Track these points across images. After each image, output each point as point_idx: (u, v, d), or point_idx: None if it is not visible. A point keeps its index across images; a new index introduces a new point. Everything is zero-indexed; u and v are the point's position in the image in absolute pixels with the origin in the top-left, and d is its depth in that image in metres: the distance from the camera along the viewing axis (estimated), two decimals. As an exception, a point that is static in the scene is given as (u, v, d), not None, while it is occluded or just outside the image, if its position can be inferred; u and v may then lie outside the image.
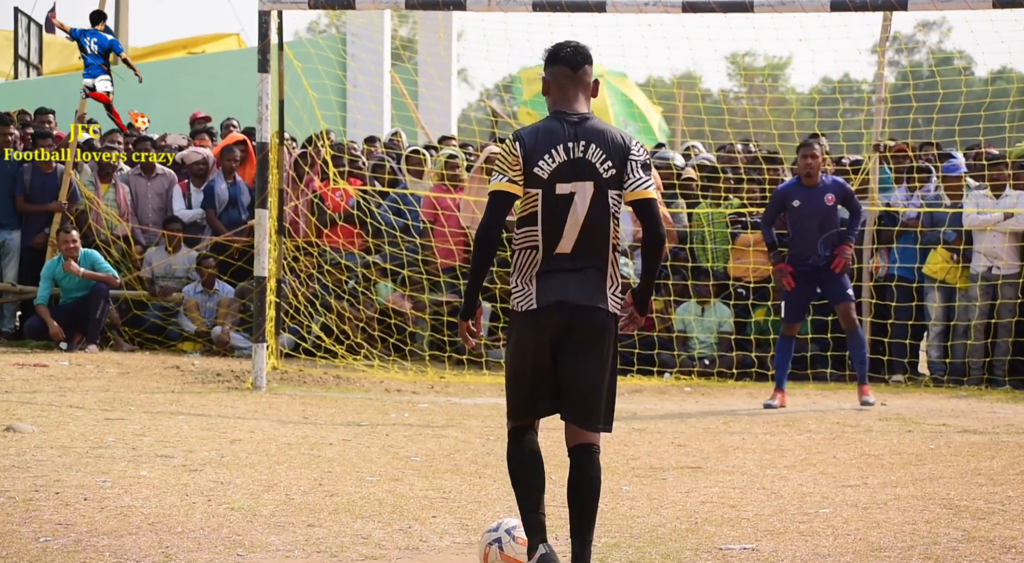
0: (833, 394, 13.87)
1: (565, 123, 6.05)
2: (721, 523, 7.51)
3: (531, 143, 6.02)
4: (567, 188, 5.99)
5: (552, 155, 6.00)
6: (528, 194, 6.05)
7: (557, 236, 6.01)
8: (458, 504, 7.96)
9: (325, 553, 6.76)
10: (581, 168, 6.00)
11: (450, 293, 15.42)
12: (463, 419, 11.58)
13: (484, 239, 6.06)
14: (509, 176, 6.03)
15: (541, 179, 6.00)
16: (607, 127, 6.12)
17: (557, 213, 6.00)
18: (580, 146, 6.01)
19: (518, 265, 6.10)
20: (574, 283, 6.01)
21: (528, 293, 6.05)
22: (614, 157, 6.02)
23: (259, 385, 13.03)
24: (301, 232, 15.62)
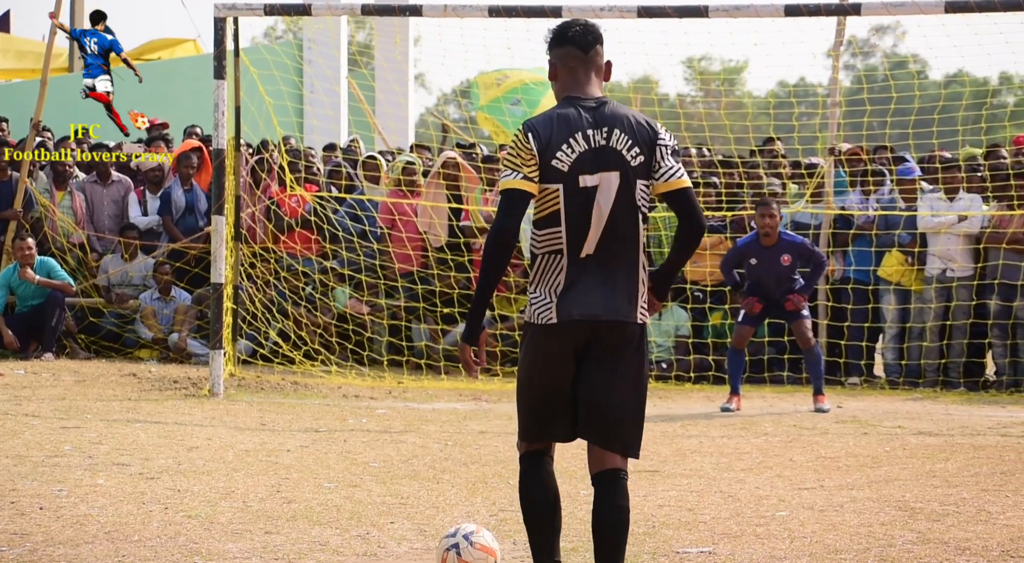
0: (790, 397, 13.94)
1: (581, 108, 5.43)
2: (678, 527, 7.53)
3: (546, 133, 5.38)
4: (590, 180, 5.36)
5: (571, 144, 5.36)
6: (546, 191, 5.39)
7: (583, 236, 5.37)
8: (416, 510, 7.96)
9: (283, 560, 6.75)
10: (606, 157, 5.38)
11: (407, 298, 15.40)
12: (421, 424, 11.58)
13: (497, 245, 5.37)
14: (524, 172, 5.37)
15: (561, 172, 5.36)
16: (629, 110, 5.51)
17: (581, 210, 5.37)
18: (602, 132, 5.39)
19: (539, 271, 5.45)
20: (600, 293, 5.39)
21: (548, 304, 5.42)
22: (641, 143, 5.41)
23: (216, 392, 12.98)
24: (258, 238, 15.59)
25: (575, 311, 5.36)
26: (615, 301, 5.39)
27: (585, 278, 5.38)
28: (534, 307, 5.47)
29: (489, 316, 15.40)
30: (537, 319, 5.45)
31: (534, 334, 5.48)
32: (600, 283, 5.38)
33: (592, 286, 5.38)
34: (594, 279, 5.38)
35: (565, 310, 5.37)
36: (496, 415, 12.29)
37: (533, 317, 5.47)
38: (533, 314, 5.47)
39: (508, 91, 20.46)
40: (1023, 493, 8.49)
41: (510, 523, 7.61)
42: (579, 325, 5.37)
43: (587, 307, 5.37)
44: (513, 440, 10.70)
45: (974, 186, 14.87)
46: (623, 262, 5.44)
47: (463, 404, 13.16)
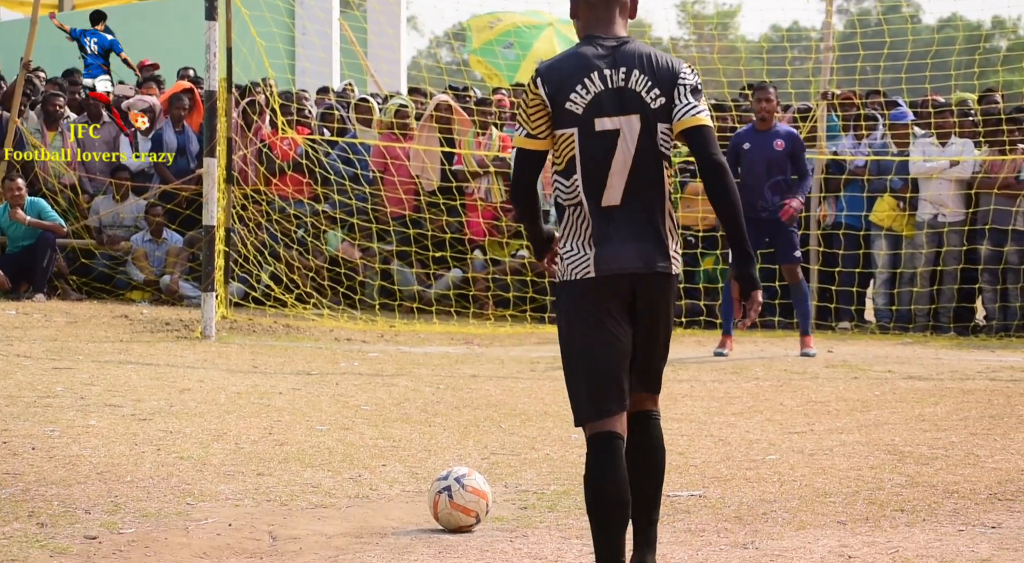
0: (780, 342, 13.98)
1: (600, 47, 5.03)
2: (669, 470, 7.53)
3: (557, 76, 4.99)
4: (609, 124, 4.97)
5: (586, 85, 4.97)
6: (561, 137, 5.01)
7: (601, 185, 5.00)
8: (408, 453, 7.99)
9: (275, 502, 6.78)
10: (624, 99, 4.98)
11: (399, 242, 15.40)
12: (413, 368, 11.61)
13: (513, 199, 5.21)
14: (528, 129, 5.04)
15: (575, 115, 4.98)
16: (651, 49, 5.08)
17: (600, 156, 4.98)
18: (620, 73, 4.99)
19: (567, 225, 5.08)
20: (634, 244, 5.01)
21: (583, 258, 5.01)
22: (662, 83, 5.00)
23: (208, 334, 13.00)
24: (250, 181, 15.56)
25: (613, 264, 5.00)
26: (650, 253, 5.03)
27: (615, 230, 5.01)
28: (567, 262, 5.06)
29: (481, 260, 15.40)
30: (572, 274, 5.05)
31: (571, 292, 5.06)
32: (632, 235, 5.01)
33: (625, 238, 5.00)
34: (625, 231, 5.01)
35: (603, 263, 5.00)
36: (488, 359, 12.32)
37: (567, 273, 5.06)
38: (566, 270, 5.06)
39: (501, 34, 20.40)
40: (1011, 437, 8.54)
41: (501, 466, 7.65)
42: (619, 279, 5.01)
43: (625, 261, 5.00)
44: (505, 384, 10.76)
45: (966, 131, 14.85)
46: (652, 212, 5.05)
47: (455, 348, 13.18)
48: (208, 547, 6.02)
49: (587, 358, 5.01)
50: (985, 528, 6.40)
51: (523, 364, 11.96)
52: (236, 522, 6.39)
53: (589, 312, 5.01)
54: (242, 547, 6.04)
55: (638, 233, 5.02)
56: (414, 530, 6.39)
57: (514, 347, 13.28)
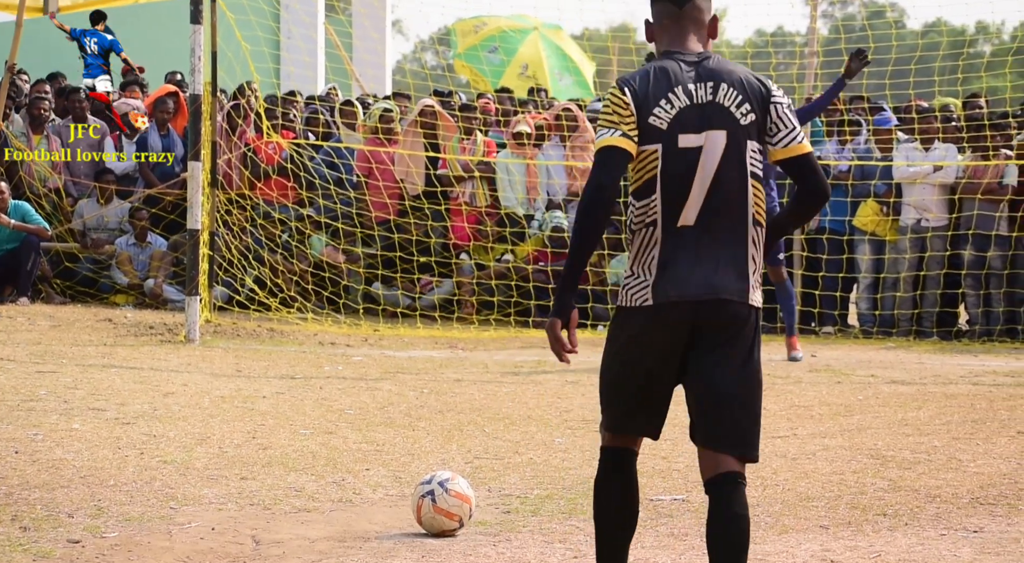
0: (764, 346, 13.95)
1: (682, 62, 4.78)
2: (652, 474, 7.58)
3: (643, 87, 4.73)
4: (693, 140, 4.69)
5: (671, 100, 4.71)
6: (643, 154, 4.71)
7: (680, 204, 4.69)
8: (391, 457, 7.99)
9: (258, 506, 6.78)
10: (711, 114, 4.71)
11: (383, 246, 15.40)
12: (397, 372, 11.61)
13: (590, 207, 4.69)
14: (622, 129, 4.70)
15: (659, 130, 4.69)
16: (735, 66, 4.86)
17: (681, 174, 4.69)
18: (707, 87, 4.73)
19: (636, 248, 4.76)
20: (702, 269, 4.68)
21: (643, 283, 4.72)
22: (753, 100, 4.76)
23: (192, 338, 12.99)
24: (234, 185, 15.55)
25: (672, 291, 4.67)
26: (719, 278, 4.68)
27: (683, 253, 4.69)
28: (628, 289, 4.77)
29: (469, 264, 15.41)
30: (630, 300, 4.75)
31: (626, 318, 4.78)
32: (701, 258, 4.69)
33: (692, 262, 4.69)
34: (694, 254, 4.69)
35: (662, 290, 4.68)
36: (472, 363, 12.33)
37: (626, 299, 4.77)
38: (626, 296, 4.77)
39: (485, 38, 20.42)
40: (993, 441, 8.57)
41: (485, 470, 7.66)
42: (678, 308, 4.67)
43: (687, 286, 4.67)
44: (489, 388, 10.77)
45: (949, 136, 14.90)
46: (729, 234, 4.71)
47: (439, 352, 13.19)
48: (191, 551, 6.01)
49: (621, 383, 4.83)
50: (967, 532, 6.43)
51: (507, 368, 11.97)
52: (219, 526, 6.39)
53: (638, 341, 4.76)
54: (225, 551, 6.04)
55: (709, 256, 4.70)
56: (397, 534, 6.39)
57: (498, 351, 13.29)
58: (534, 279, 15.06)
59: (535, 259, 15.23)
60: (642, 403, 4.83)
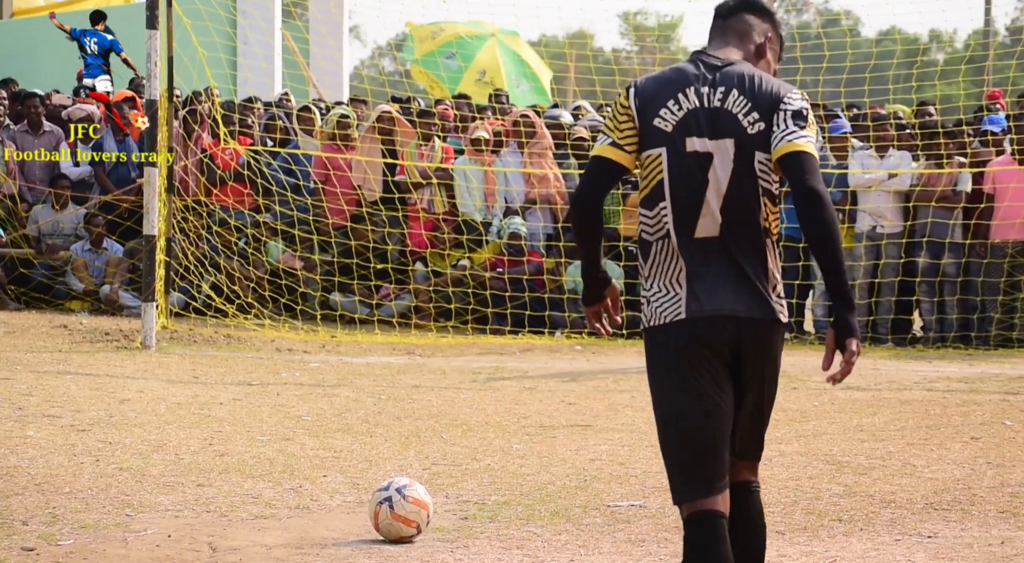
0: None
1: (702, 65, 4.55)
2: (610, 480, 7.61)
3: (650, 88, 4.51)
4: (700, 145, 4.44)
5: (679, 101, 4.47)
6: (648, 158, 4.47)
7: (694, 213, 4.42)
8: (349, 463, 7.98)
9: (215, 512, 6.76)
10: (719, 121, 4.45)
11: (341, 253, 15.38)
12: (354, 378, 11.60)
13: (574, 215, 4.56)
14: (613, 137, 4.50)
15: (663, 133, 4.45)
16: (756, 72, 4.57)
17: (690, 179, 4.43)
18: (717, 93, 4.47)
19: (653, 262, 4.48)
20: (731, 284, 4.42)
21: (673, 297, 4.42)
22: (761, 107, 4.47)
23: (148, 344, 12.93)
24: (191, 191, 15.50)
25: (708, 304, 4.39)
26: (748, 294, 4.43)
27: (710, 267, 4.42)
28: (653, 304, 4.45)
29: (423, 271, 15.40)
30: (659, 318, 4.43)
31: (659, 340, 4.44)
32: (730, 274, 4.42)
33: (723, 276, 4.42)
34: (721, 268, 4.42)
35: (697, 303, 4.39)
36: (430, 369, 12.32)
37: (653, 317, 4.44)
38: (653, 313, 4.44)
39: (443, 44, 20.42)
40: (947, 447, 8.63)
41: (443, 477, 7.66)
42: (717, 322, 4.39)
43: (722, 302, 4.40)
44: (447, 394, 10.77)
45: (904, 144, 15.01)
46: (751, 248, 4.45)
47: (396, 358, 13.18)
48: (147, 559, 5.99)
49: (682, 429, 4.41)
50: (921, 538, 6.48)
51: (465, 375, 11.97)
52: (175, 533, 6.37)
53: (681, 367, 4.41)
54: (181, 558, 6.02)
55: (737, 272, 4.42)
56: (355, 541, 6.39)
57: (456, 358, 13.29)
58: (491, 285, 15.07)
59: (492, 265, 15.24)
60: (710, 444, 4.40)
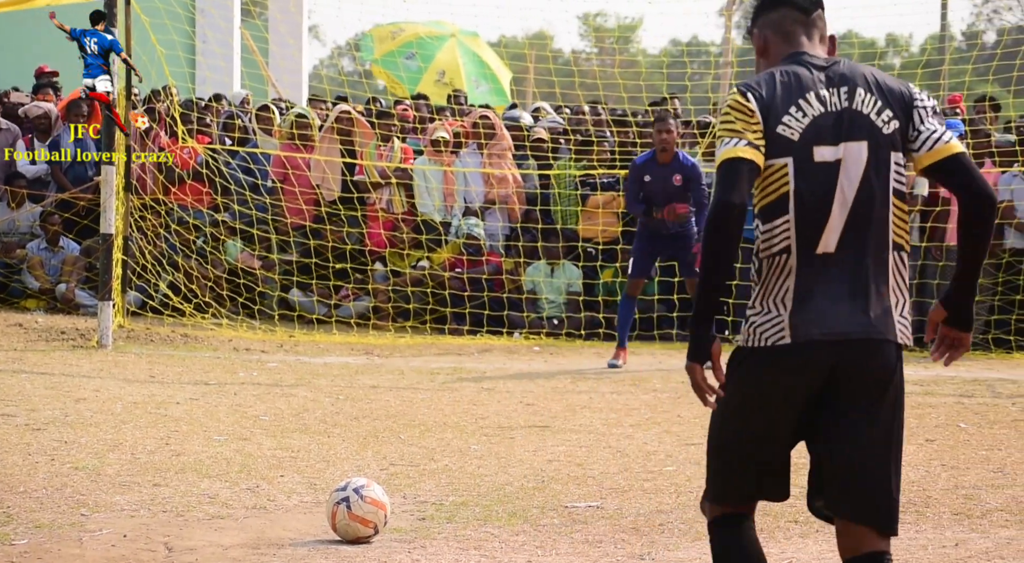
0: (678, 354, 14.08)
1: (810, 66, 4.22)
2: (567, 481, 7.62)
3: (769, 92, 4.16)
4: (829, 153, 4.12)
5: (802, 107, 4.14)
6: (770, 169, 4.14)
7: (818, 228, 4.11)
8: (306, 463, 7.97)
9: (171, 512, 6.74)
10: (848, 123, 4.14)
11: (299, 252, 15.34)
12: (312, 378, 11.57)
13: (715, 231, 4.14)
14: (747, 138, 4.11)
15: (790, 142, 4.12)
16: (869, 68, 4.28)
17: (817, 193, 4.11)
18: (842, 93, 4.17)
19: (763, 279, 4.22)
20: (849, 304, 4.11)
21: (777, 319, 4.14)
22: (894, 104, 4.18)
23: (105, 343, 12.87)
24: (148, 189, 15.43)
25: (816, 329, 4.08)
26: (869, 314, 4.12)
27: (824, 284, 4.12)
28: (756, 326, 4.19)
29: (383, 271, 15.38)
30: (759, 340, 4.17)
31: (755, 363, 4.18)
32: (845, 291, 4.12)
33: (836, 295, 4.11)
34: (838, 285, 4.12)
35: (802, 327, 4.09)
36: (388, 370, 12.31)
37: (754, 338, 4.18)
38: (754, 335, 4.19)
39: (402, 45, 20.40)
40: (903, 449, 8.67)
41: (400, 477, 7.66)
42: (822, 349, 4.08)
43: (833, 323, 4.09)
44: (405, 395, 10.76)
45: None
46: (874, 262, 4.15)
47: (355, 358, 13.16)
48: (102, 558, 5.97)
49: (737, 441, 4.25)
50: (876, 538, 6.51)
51: (423, 375, 11.97)
52: (131, 533, 6.34)
53: (767, 390, 4.17)
54: (137, 558, 6.00)
55: (855, 289, 4.13)
56: (312, 541, 6.38)
57: (414, 358, 13.28)
58: (450, 286, 15.06)
59: (451, 266, 15.24)
60: (764, 463, 4.25)
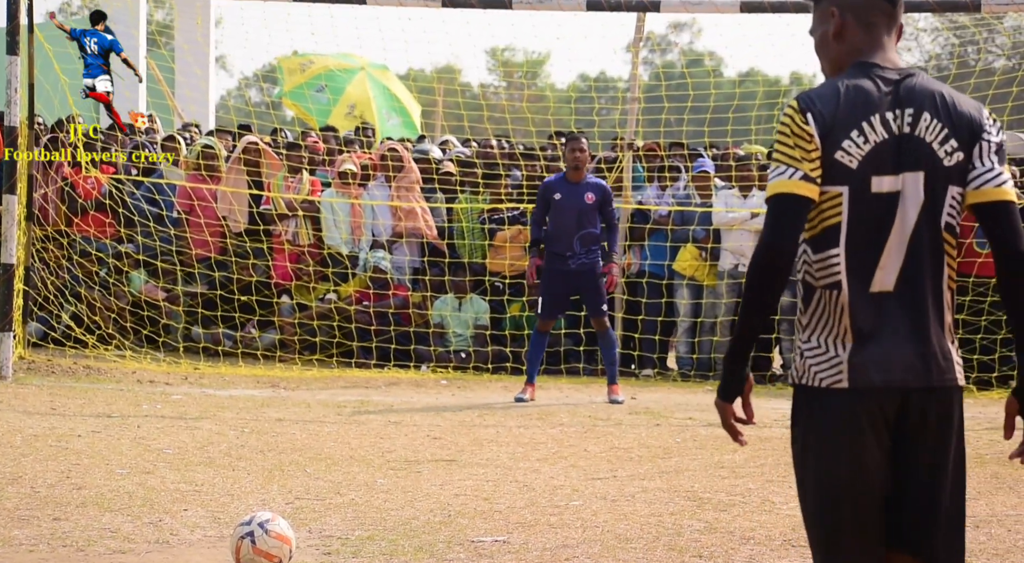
0: (585, 388, 14.14)
1: (880, 80, 3.86)
2: (474, 515, 7.61)
3: (829, 110, 3.81)
4: (888, 184, 3.82)
5: (864, 132, 3.81)
6: (824, 196, 3.83)
7: (872, 263, 3.84)
8: (211, 497, 7.89)
9: (71, 547, 6.64)
10: (909, 151, 3.82)
11: (204, 284, 15.22)
12: (217, 411, 11.48)
13: (763, 269, 3.88)
14: (803, 170, 3.80)
15: (847, 170, 3.81)
16: (945, 87, 3.90)
17: (872, 226, 3.83)
18: (906, 116, 3.82)
19: (815, 312, 3.94)
20: (911, 346, 3.84)
21: (834, 360, 3.87)
22: (960, 133, 3.84)
23: (4, 375, 12.69)
24: (51, 220, 15.25)
25: (876, 374, 3.83)
26: (931, 359, 3.86)
27: (883, 326, 3.85)
28: (808, 360, 3.92)
29: (289, 304, 15.29)
30: (815, 379, 3.89)
31: (819, 406, 3.89)
32: (908, 333, 3.85)
33: (898, 337, 3.85)
34: (898, 326, 3.85)
35: (861, 371, 3.83)
36: (294, 403, 12.23)
37: (809, 377, 3.91)
38: (807, 371, 3.91)
39: (312, 77, 20.36)
40: (806, 484, 8.75)
41: (306, 511, 7.61)
42: (883, 396, 3.83)
43: (897, 368, 3.83)
44: (311, 428, 10.69)
45: (766, 184, 15.23)
46: (933, 301, 3.88)
47: (261, 391, 13.07)
48: (1, 595, 5.87)
49: (832, 503, 3.86)
50: (780, 572, 6.55)
51: (329, 408, 11.91)
52: (31, 569, 6.24)
53: (842, 438, 3.84)
54: (37, 595, 5.91)
55: (916, 331, 3.86)
56: (216, 576, 6.31)
57: (321, 391, 13.22)
58: (357, 319, 15.01)
59: (358, 299, 15.19)
60: (867, 524, 3.87)
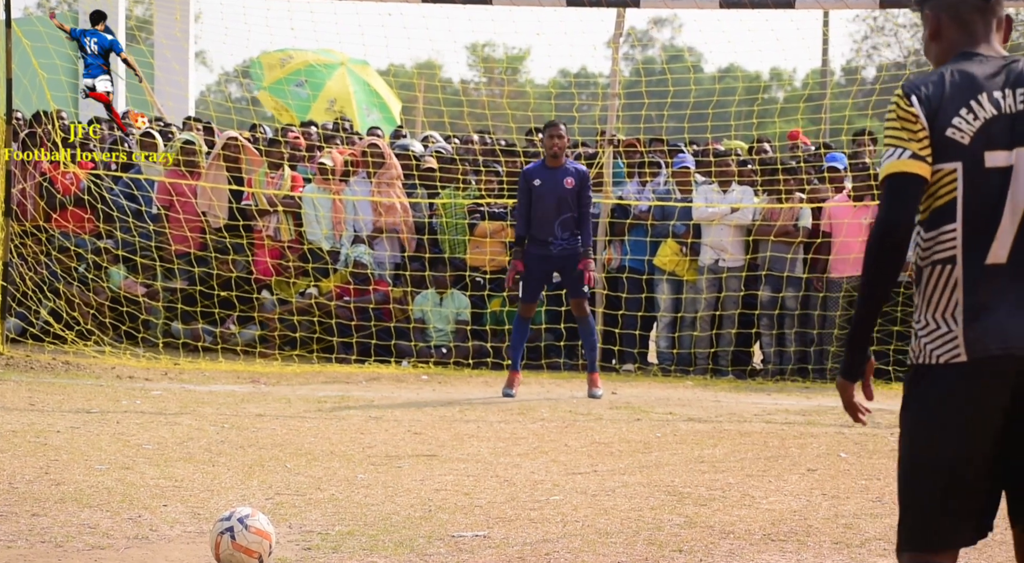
0: (566, 383, 14.15)
1: (984, 62, 4.03)
2: (454, 510, 7.60)
3: (936, 93, 3.97)
4: (1002, 159, 3.95)
5: (973, 109, 3.95)
6: (938, 174, 3.97)
7: (988, 236, 3.93)
8: (190, 493, 7.88)
9: (50, 543, 6.63)
10: (1022, 126, 3.97)
11: (184, 280, 15.19)
12: (197, 406, 11.45)
13: (882, 246, 3.96)
14: (912, 149, 3.96)
15: (960, 146, 3.95)
16: None
17: (986, 199, 3.94)
18: (1018, 95, 3.97)
19: (926, 290, 3.99)
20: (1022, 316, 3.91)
21: (949, 335, 3.94)
22: None
23: (-17, 372, 12.65)
24: (29, 215, 15.20)
25: (993, 343, 3.88)
26: None
27: (998, 297, 3.92)
28: (923, 339, 3.98)
29: (270, 300, 15.26)
30: (931, 357, 3.95)
31: (930, 382, 3.96)
32: (1020, 303, 3.91)
33: (1011, 307, 3.90)
34: (1012, 297, 3.91)
35: (978, 342, 3.90)
36: (274, 398, 12.22)
37: (924, 354, 3.97)
38: (923, 351, 3.98)
39: (292, 72, 20.32)
40: (785, 478, 8.78)
41: (286, 507, 7.60)
42: (1002, 364, 3.88)
43: (1011, 337, 3.88)
44: (291, 423, 10.68)
45: (746, 179, 15.28)
46: None
47: (241, 386, 13.05)
48: (-20, 591, 5.85)
49: (928, 476, 3.95)
50: (760, 566, 6.57)
51: (310, 403, 11.89)
52: (10, 565, 6.23)
53: (950, 412, 3.92)
54: (16, 591, 5.89)
55: None
56: (195, 572, 6.30)
57: (301, 386, 13.20)
58: (338, 315, 15.00)
59: (339, 294, 15.18)
60: (962, 503, 3.93)
